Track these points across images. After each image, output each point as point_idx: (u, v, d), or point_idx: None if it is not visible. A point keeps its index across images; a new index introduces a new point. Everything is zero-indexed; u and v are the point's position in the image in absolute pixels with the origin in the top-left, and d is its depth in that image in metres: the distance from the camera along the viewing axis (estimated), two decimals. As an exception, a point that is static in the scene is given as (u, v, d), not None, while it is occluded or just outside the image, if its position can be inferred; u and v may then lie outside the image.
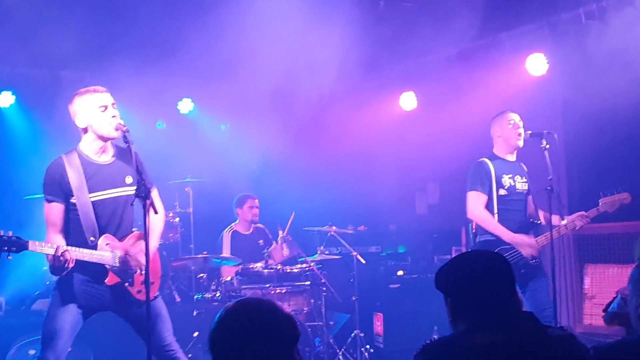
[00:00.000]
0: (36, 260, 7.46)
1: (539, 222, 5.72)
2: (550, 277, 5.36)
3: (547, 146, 5.42)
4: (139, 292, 4.48)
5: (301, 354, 6.56)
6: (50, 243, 4.21)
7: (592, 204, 5.68)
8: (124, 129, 4.28)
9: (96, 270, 4.41)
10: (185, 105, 9.23)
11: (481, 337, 2.37)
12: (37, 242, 4.16)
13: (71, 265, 4.18)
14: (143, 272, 4.47)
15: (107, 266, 4.41)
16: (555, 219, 5.48)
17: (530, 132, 5.59)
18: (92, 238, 4.40)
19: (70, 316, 4.40)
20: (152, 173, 4.68)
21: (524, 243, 5.46)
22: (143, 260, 4.40)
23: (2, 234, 4.05)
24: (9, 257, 4.08)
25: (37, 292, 7.70)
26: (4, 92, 8.31)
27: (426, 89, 8.63)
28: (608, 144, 6.94)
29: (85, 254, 4.30)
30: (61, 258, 4.13)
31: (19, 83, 8.36)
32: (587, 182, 7.16)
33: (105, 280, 4.42)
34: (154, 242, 4.64)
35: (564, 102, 7.43)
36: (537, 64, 7.34)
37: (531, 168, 5.86)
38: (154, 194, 4.78)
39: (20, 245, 4.08)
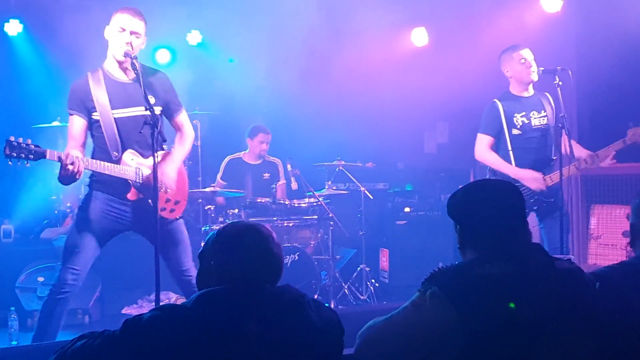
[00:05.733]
0: (45, 189, 7.51)
1: (555, 157, 5.67)
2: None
3: (560, 83, 5.35)
4: (163, 210, 4.57)
5: (308, 286, 6.62)
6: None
7: (602, 142, 5.64)
8: (132, 55, 4.30)
9: (119, 187, 4.49)
10: (194, 37, 9.12)
11: (490, 266, 2.36)
12: (55, 151, 4.17)
13: (78, 176, 4.21)
14: (168, 191, 4.56)
15: (129, 181, 4.47)
16: (565, 157, 5.45)
17: (542, 68, 5.51)
18: (115, 153, 4.47)
19: (92, 237, 4.49)
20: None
21: (529, 177, 5.46)
22: (168, 180, 4.54)
23: (20, 141, 4.05)
24: (27, 165, 4.08)
25: (46, 221, 7.77)
26: (12, 21, 8.21)
27: (438, 25, 8.51)
28: (621, 83, 6.86)
29: (106, 167, 4.37)
30: (69, 166, 4.14)
31: (26, 11, 8.26)
32: (598, 121, 7.10)
33: (128, 195, 4.49)
34: (178, 160, 4.71)
35: (577, 39, 7.32)
36: (551, 0, 7.21)
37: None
38: (183, 116, 4.87)
39: (37, 154, 4.09)
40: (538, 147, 5.66)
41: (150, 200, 4.44)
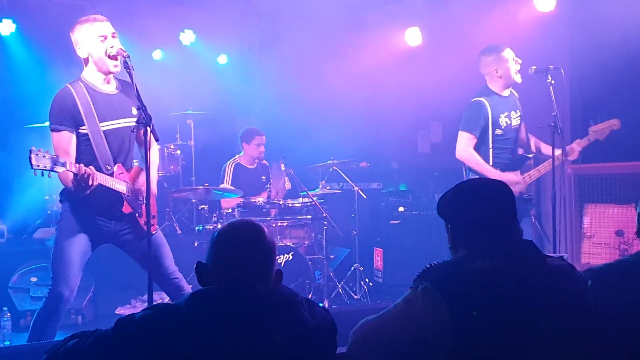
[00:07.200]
0: (37, 189, 7.49)
1: (531, 155, 5.69)
2: (551, 215, 5.37)
3: (553, 82, 5.35)
4: (146, 223, 4.52)
5: (302, 286, 6.64)
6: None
7: (594, 141, 5.66)
8: (125, 54, 4.23)
9: (107, 201, 4.41)
10: (187, 37, 9.11)
11: (481, 262, 2.38)
12: (73, 162, 4.11)
13: (96, 183, 4.13)
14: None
15: (122, 195, 4.43)
16: (557, 155, 5.46)
17: (535, 67, 5.51)
18: (107, 166, 4.39)
19: (78, 247, 4.43)
20: (154, 104, 4.63)
21: (511, 181, 5.43)
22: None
23: (45, 153, 3.94)
24: (50, 176, 4.03)
25: (39, 221, 7.75)
26: (5, 20, 8.20)
27: (432, 25, 8.51)
28: (614, 82, 6.87)
29: (106, 180, 4.28)
30: (85, 175, 4.08)
31: (19, 10, 8.25)
32: (591, 119, 7.09)
33: (122, 209, 4.43)
34: (154, 173, 4.67)
35: (570, 38, 7.33)
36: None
37: (536, 104, 5.79)
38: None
39: (61, 164, 4.00)
40: (513, 146, 5.67)
41: (137, 215, 4.48)
